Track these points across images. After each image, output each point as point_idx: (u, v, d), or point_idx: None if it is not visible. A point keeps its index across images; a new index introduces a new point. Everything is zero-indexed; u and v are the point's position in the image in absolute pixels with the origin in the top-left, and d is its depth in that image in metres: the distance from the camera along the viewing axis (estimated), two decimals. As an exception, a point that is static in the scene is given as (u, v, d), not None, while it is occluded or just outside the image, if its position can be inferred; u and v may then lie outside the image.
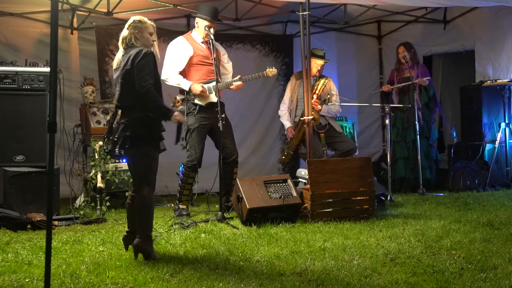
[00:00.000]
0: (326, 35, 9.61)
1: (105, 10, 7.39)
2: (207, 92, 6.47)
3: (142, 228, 4.45)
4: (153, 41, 4.65)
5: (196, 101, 6.48)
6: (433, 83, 8.62)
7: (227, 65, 6.85)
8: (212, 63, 6.48)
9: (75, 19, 8.11)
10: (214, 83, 6.46)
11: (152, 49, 4.59)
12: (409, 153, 8.24)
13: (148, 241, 4.44)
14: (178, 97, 6.60)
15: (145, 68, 4.41)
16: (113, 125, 4.64)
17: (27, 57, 6.95)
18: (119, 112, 4.61)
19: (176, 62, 6.53)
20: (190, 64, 6.56)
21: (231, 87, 6.68)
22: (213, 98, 6.48)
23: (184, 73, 6.57)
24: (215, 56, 6.46)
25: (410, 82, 8.01)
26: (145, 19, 4.63)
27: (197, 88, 6.42)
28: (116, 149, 4.50)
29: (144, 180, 4.48)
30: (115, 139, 4.52)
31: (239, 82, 6.63)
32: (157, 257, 4.41)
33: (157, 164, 4.58)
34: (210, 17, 6.53)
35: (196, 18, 6.68)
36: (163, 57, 6.61)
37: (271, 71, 6.71)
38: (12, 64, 6.53)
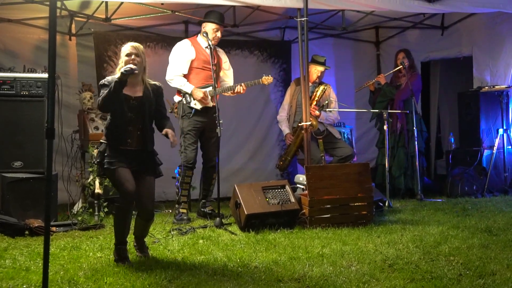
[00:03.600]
0: (324, 41, 9.62)
1: (103, 16, 7.41)
2: (208, 98, 6.60)
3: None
4: (132, 60, 4.58)
5: (192, 104, 6.63)
6: (420, 90, 8.55)
7: (228, 72, 6.96)
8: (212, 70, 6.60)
9: (73, 25, 8.12)
10: (210, 88, 6.56)
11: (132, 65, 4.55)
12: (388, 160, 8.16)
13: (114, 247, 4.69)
14: (175, 99, 6.73)
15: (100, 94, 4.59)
16: None
17: (25, 63, 6.95)
18: None
19: (180, 65, 6.67)
20: (190, 67, 6.70)
21: (229, 92, 6.76)
22: (210, 102, 6.63)
23: (184, 75, 6.70)
24: (215, 60, 6.61)
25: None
26: (128, 44, 4.70)
27: (199, 94, 6.57)
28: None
29: None
30: None
31: (239, 89, 6.69)
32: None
33: (120, 175, 4.55)
34: (218, 20, 6.69)
35: (203, 24, 6.77)
36: (162, 63, 6.69)
37: (267, 78, 6.78)
38: (10, 70, 6.52)
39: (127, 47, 4.64)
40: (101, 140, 4.68)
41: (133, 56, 4.57)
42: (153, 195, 4.80)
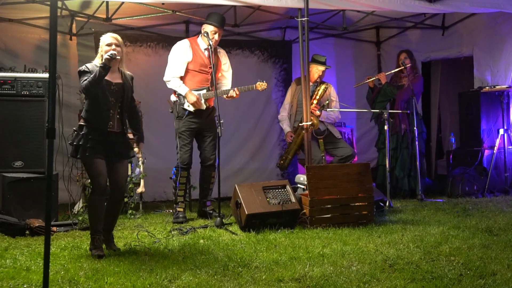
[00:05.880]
0: (325, 41, 9.63)
1: (104, 16, 7.42)
2: (200, 102, 6.63)
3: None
4: (113, 49, 4.86)
5: (186, 106, 6.64)
6: (421, 92, 8.55)
7: (227, 73, 6.93)
8: (209, 72, 6.64)
9: (74, 25, 8.13)
10: (205, 91, 6.62)
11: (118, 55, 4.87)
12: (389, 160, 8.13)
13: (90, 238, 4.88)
14: (172, 99, 6.78)
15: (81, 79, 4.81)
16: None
17: (26, 63, 6.96)
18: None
19: (176, 67, 6.67)
20: (186, 69, 6.69)
21: (223, 95, 6.75)
22: (203, 105, 6.66)
23: (181, 77, 6.71)
24: (213, 62, 6.56)
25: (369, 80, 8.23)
26: (108, 34, 4.98)
27: (192, 98, 6.58)
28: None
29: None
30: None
31: (232, 93, 6.70)
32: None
33: (97, 168, 4.81)
34: (217, 23, 6.63)
35: (204, 25, 6.74)
36: (163, 62, 6.70)
37: (261, 84, 6.77)
38: (11, 70, 6.53)
39: (107, 38, 4.94)
40: (80, 123, 4.85)
41: (113, 46, 4.87)
42: (126, 177, 5.21)
